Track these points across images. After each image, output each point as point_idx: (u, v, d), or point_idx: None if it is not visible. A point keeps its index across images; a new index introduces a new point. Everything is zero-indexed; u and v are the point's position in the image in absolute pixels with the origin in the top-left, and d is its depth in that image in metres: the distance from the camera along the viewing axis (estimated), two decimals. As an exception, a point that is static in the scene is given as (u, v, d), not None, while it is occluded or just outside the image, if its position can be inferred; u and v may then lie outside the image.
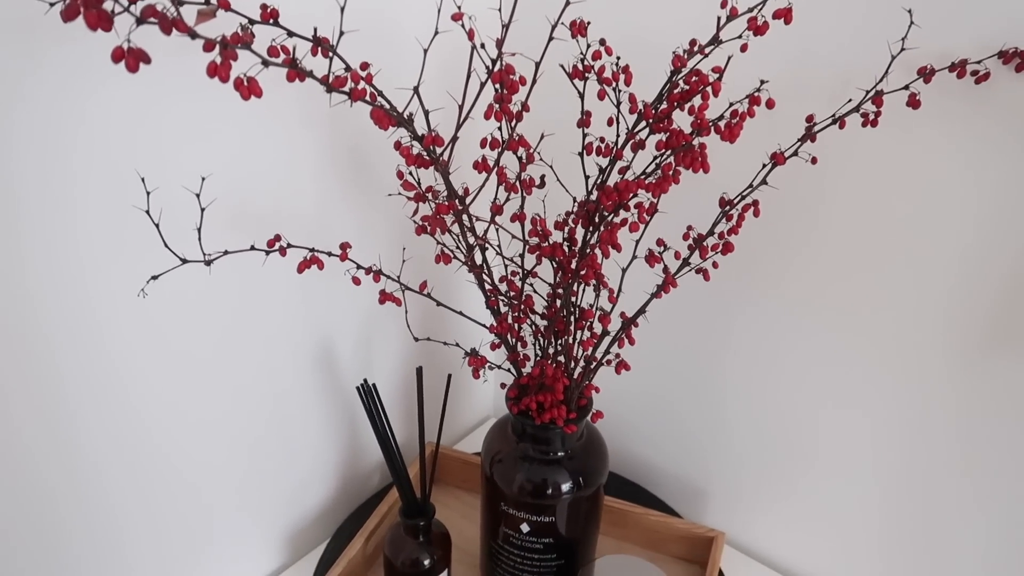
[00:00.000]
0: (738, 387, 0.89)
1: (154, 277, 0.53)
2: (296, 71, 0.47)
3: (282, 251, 0.60)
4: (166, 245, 0.52)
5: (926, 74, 0.61)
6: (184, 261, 0.53)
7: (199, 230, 0.52)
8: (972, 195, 0.65)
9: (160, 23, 0.38)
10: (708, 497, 0.97)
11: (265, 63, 0.44)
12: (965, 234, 0.67)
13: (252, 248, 0.58)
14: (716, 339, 0.89)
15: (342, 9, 0.51)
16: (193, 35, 0.41)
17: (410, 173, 0.63)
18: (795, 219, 0.76)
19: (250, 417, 0.77)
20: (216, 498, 0.77)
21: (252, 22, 0.53)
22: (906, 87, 0.61)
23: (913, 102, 0.62)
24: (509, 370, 0.73)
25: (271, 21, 0.53)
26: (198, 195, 0.52)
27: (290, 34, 0.54)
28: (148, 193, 0.50)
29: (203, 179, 0.52)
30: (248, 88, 0.45)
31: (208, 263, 0.54)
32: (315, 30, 0.54)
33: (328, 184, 0.75)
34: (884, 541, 0.83)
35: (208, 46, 0.42)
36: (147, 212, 0.51)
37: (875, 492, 0.81)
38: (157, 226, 0.51)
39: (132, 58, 0.38)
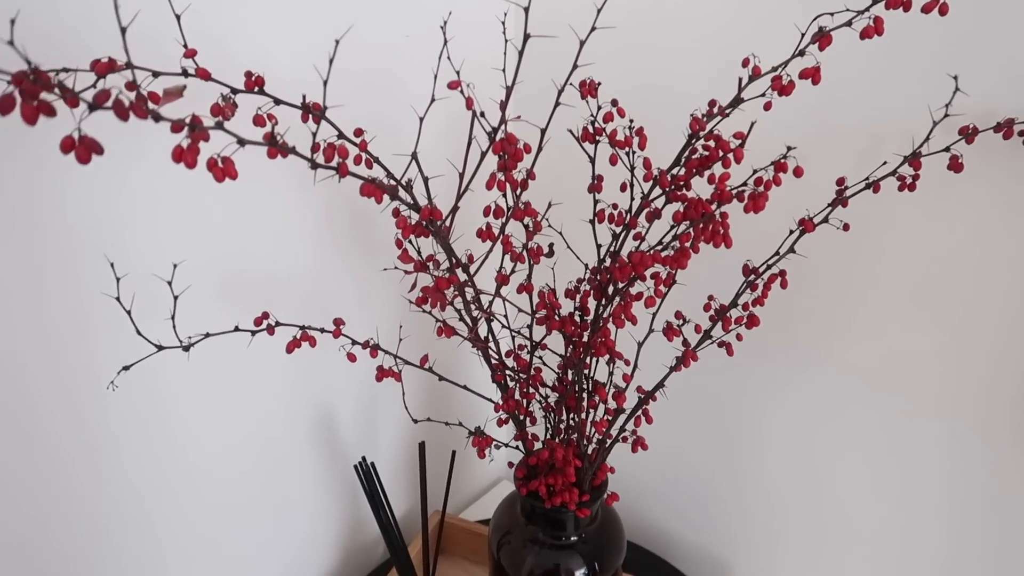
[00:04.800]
0: (768, 454, 0.83)
1: (125, 368, 0.49)
2: (277, 148, 0.43)
3: (270, 330, 0.56)
4: (139, 332, 0.48)
5: (968, 135, 0.56)
6: (159, 348, 0.49)
7: (173, 319, 0.48)
8: (1019, 266, 0.60)
9: (115, 110, 0.34)
10: (734, 571, 0.90)
11: (241, 142, 0.40)
12: (1010, 307, 0.61)
13: (236, 329, 0.54)
14: (742, 402, 0.84)
15: (325, 82, 0.47)
16: (157, 118, 0.37)
17: (409, 242, 0.59)
18: (824, 285, 0.71)
19: (248, 488, 0.73)
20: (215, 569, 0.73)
21: (235, 91, 0.49)
22: (947, 149, 0.56)
23: (955, 165, 0.56)
24: (518, 447, 0.68)
25: (256, 89, 0.50)
26: (170, 283, 0.48)
27: (277, 102, 0.51)
28: (118, 279, 0.47)
29: (175, 265, 0.48)
30: (223, 170, 0.41)
31: (186, 348, 0.50)
32: (303, 97, 0.50)
33: (326, 251, 0.72)
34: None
35: (176, 127, 0.38)
36: (117, 299, 0.47)
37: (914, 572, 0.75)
38: (129, 313, 0.47)
39: (83, 149, 0.34)
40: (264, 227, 0.66)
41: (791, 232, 0.60)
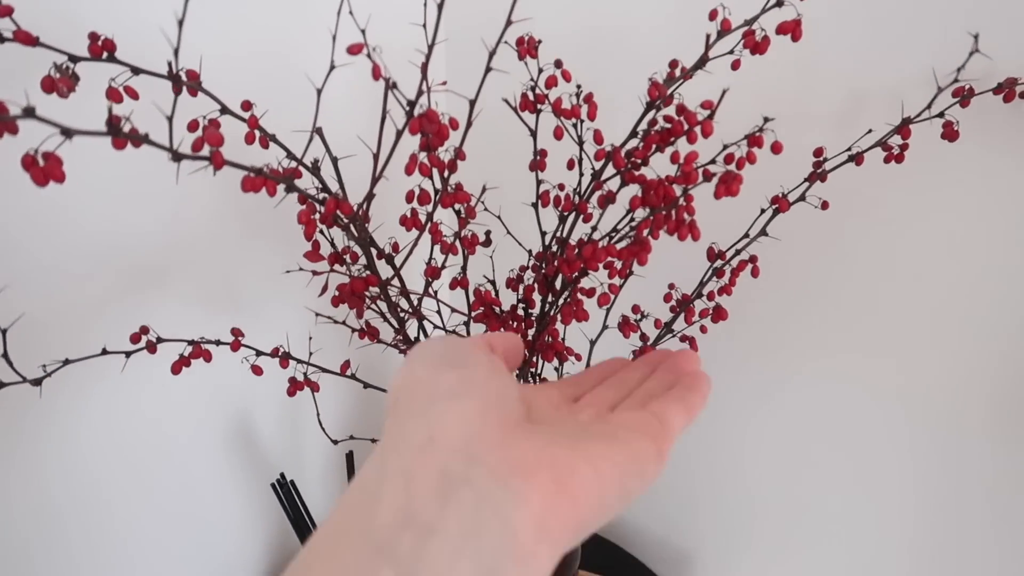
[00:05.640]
0: (736, 446, 0.77)
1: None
2: (124, 138, 0.33)
3: (150, 348, 0.46)
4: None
5: (963, 96, 0.49)
6: (1, 385, 0.39)
7: (5, 355, 0.38)
8: (1018, 241, 0.53)
9: None
10: (695, 563, 0.85)
11: (66, 133, 0.30)
12: (1009, 285, 0.55)
13: (104, 352, 0.44)
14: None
15: (176, 50, 0.36)
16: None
17: (321, 232, 0.49)
18: (799, 271, 0.64)
19: (159, 511, 0.64)
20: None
21: (75, 59, 0.39)
22: (941, 114, 0.49)
23: (950, 133, 0.49)
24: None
25: (105, 56, 0.40)
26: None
27: (135, 71, 0.40)
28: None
29: (-2, 292, 0.38)
30: (44, 170, 0.31)
31: (36, 383, 0.41)
32: (170, 64, 0.40)
33: (227, 240, 0.61)
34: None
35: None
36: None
37: (886, 567, 0.70)
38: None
39: None
40: (149, 212, 0.55)
41: (762, 211, 0.52)
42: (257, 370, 0.52)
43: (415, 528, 0.22)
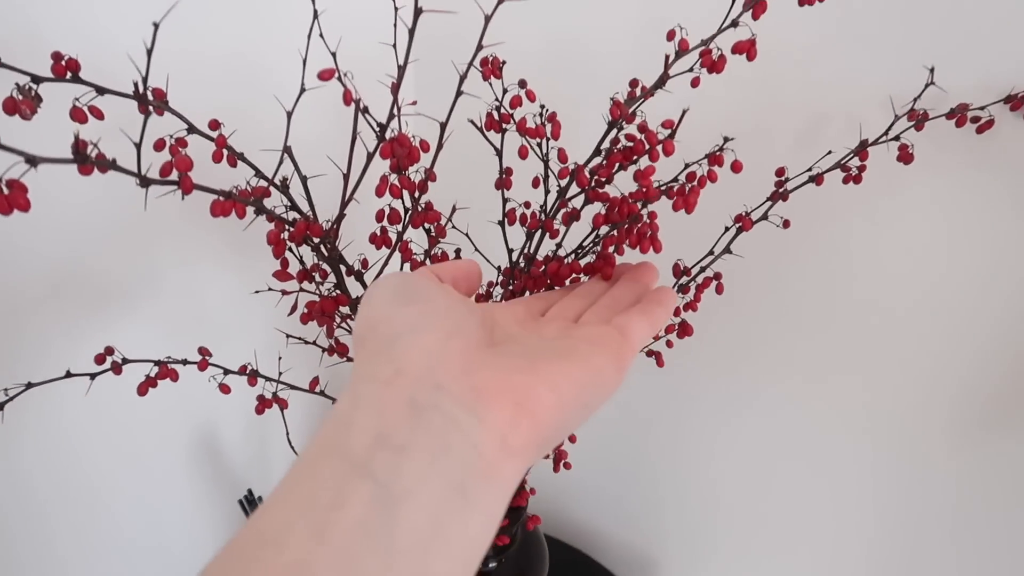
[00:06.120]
0: (697, 451, 0.78)
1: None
2: (90, 164, 0.33)
3: (116, 368, 0.46)
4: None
5: (918, 120, 0.50)
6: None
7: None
8: (971, 260, 0.55)
9: None
10: (660, 569, 0.86)
11: (31, 161, 0.30)
12: (963, 302, 0.57)
13: (68, 375, 0.44)
14: (672, 394, 0.78)
15: (145, 78, 0.36)
16: None
17: (290, 250, 0.49)
18: (760, 288, 0.65)
19: (117, 531, 0.63)
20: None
21: (38, 80, 0.38)
22: (896, 137, 0.50)
23: (905, 156, 0.51)
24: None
25: (69, 76, 0.39)
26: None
27: (100, 91, 0.40)
28: None
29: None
30: (8, 199, 0.31)
31: None
32: (136, 85, 0.39)
33: (193, 254, 0.61)
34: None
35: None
36: None
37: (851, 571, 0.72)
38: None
39: None
40: (114, 228, 0.55)
41: (726, 229, 0.53)
42: (225, 389, 0.52)
43: (388, 448, 0.23)
